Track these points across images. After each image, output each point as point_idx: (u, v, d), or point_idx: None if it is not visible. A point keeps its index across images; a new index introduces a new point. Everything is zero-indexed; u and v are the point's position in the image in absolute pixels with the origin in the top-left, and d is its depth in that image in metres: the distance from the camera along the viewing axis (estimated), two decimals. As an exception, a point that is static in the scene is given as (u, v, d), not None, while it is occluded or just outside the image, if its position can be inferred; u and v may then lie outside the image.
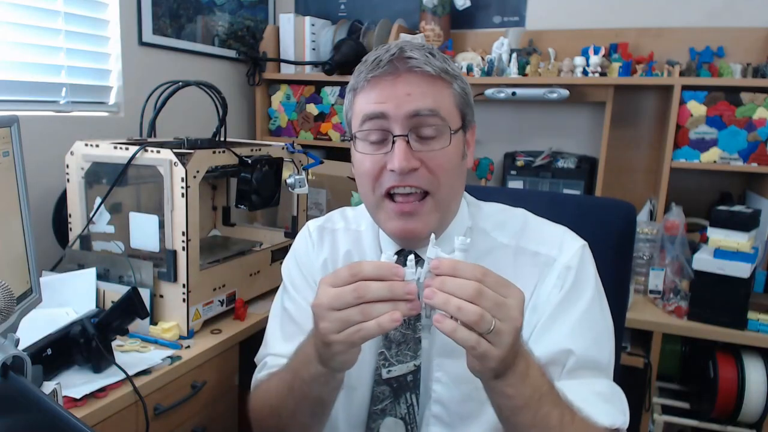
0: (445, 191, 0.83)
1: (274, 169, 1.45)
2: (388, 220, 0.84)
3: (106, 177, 1.32)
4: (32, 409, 0.61)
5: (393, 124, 0.80)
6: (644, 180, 2.12)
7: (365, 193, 0.86)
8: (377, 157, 0.82)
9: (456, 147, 0.83)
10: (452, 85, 0.83)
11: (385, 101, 0.80)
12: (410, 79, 0.80)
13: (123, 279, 1.28)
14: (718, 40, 1.95)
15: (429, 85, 0.81)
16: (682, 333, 1.63)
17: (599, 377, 0.82)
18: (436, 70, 0.80)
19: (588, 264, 0.87)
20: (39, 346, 0.98)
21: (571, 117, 2.20)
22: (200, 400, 1.22)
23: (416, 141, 0.81)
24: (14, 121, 0.85)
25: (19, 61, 1.52)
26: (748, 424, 1.59)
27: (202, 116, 1.72)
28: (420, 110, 0.79)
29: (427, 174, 0.81)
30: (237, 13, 2.29)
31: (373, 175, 0.83)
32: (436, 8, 2.18)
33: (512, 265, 0.87)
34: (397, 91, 0.80)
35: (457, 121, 0.84)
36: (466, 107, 0.86)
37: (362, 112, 0.83)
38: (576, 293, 0.84)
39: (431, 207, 0.82)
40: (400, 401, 0.88)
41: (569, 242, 0.88)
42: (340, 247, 0.98)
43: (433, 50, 0.84)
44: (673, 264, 1.74)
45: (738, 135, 1.80)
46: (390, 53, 0.81)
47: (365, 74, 0.82)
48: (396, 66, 0.80)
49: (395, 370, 0.88)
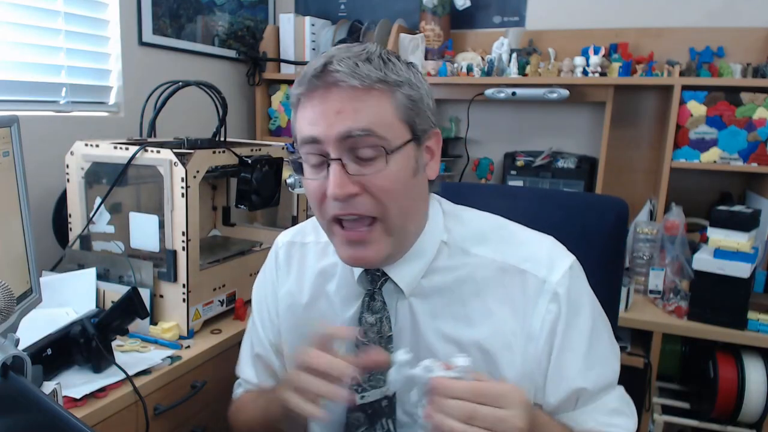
0: (394, 214, 0.75)
1: (274, 169, 1.45)
2: (339, 247, 0.80)
3: (106, 177, 1.32)
4: (32, 409, 0.61)
5: (327, 147, 0.73)
6: (644, 180, 2.12)
7: (316, 216, 0.81)
8: (318, 182, 0.75)
9: (400, 165, 0.74)
10: (393, 95, 0.73)
11: (317, 122, 0.73)
12: (339, 94, 0.72)
13: (123, 279, 1.28)
14: (718, 40, 1.95)
15: (361, 100, 0.72)
16: (682, 333, 1.63)
17: (609, 393, 0.82)
18: (366, 81, 0.71)
19: (579, 285, 0.82)
20: (39, 346, 0.98)
21: (571, 117, 2.20)
22: (200, 400, 1.22)
23: (354, 163, 0.73)
24: (14, 121, 0.85)
25: (19, 61, 1.52)
26: (748, 424, 1.59)
27: (202, 116, 1.72)
28: (351, 131, 0.71)
29: (370, 200, 0.74)
30: (237, 13, 2.29)
31: (317, 200, 0.77)
32: (436, 8, 2.18)
33: (500, 284, 0.81)
34: (327, 109, 0.72)
35: (401, 135, 0.74)
36: (415, 116, 0.76)
37: (299, 135, 0.76)
38: (575, 325, 0.80)
39: (381, 233, 0.76)
40: (376, 428, 0.84)
41: (557, 261, 0.81)
42: (309, 264, 0.94)
43: (371, 55, 0.74)
44: (673, 264, 1.74)
45: (738, 135, 1.80)
46: (315, 66, 0.73)
47: (296, 88, 0.76)
48: (324, 80, 0.72)
49: (368, 395, 0.82)
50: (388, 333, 0.84)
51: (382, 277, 0.84)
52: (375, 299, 0.85)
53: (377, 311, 0.84)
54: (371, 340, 0.84)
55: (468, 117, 2.20)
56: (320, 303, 0.91)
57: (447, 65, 2.09)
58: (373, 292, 0.85)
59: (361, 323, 0.85)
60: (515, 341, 0.80)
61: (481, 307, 0.82)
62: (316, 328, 0.75)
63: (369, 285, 0.85)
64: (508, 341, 0.79)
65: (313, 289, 0.92)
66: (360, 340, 0.85)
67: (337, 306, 0.89)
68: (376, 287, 0.84)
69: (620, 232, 1.09)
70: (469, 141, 2.25)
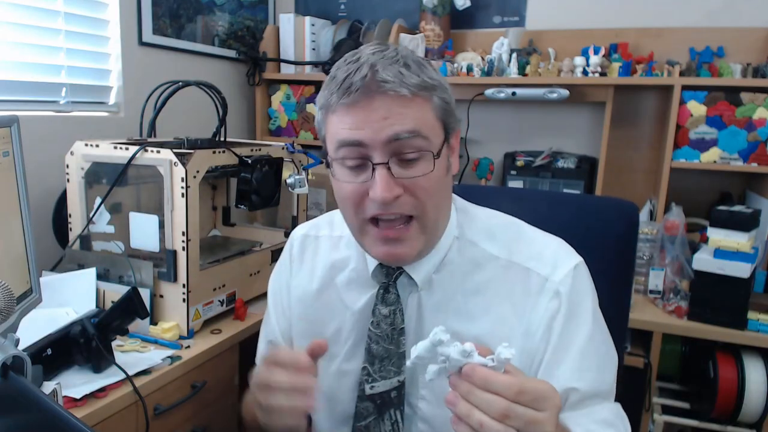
0: (431, 213, 0.78)
1: (274, 169, 1.45)
2: (373, 246, 0.81)
3: (106, 177, 1.32)
4: (32, 409, 0.61)
5: (371, 151, 0.74)
6: (644, 180, 2.12)
7: (348, 217, 0.82)
8: (357, 185, 0.76)
9: (441, 166, 0.78)
10: (432, 99, 0.77)
11: (361, 127, 0.74)
12: (386, 101, 0.73)
13: (123, 279, 1.28)
14: (718, 40, 1.95)
15: (407, 106, 0.74)
16: (682, 333, 1.63)
17: (602, 403, 0.80)
18: (413, 89, 0.73)
19: (582, 286, 0.82)
20: (39, 346, 0.98)
21: (571, 117, 2.20)
22: (200, 400, 1.22)
23: (398, 166, 0.75)
24: (14, 121, 0.85)
25: (19, 61, 1.52)
26: (748, 424, 1.59)
27: (202, 116, 1.72)
28: (400, 134, 0.73)
29: (412, 199, 0.76)
30: (237, 13, 2.29)
31: (354, 202, 0.78)
32: (436, 8, 2.18)
33: (504, 281, 0.83)
34: (373, 115, 0.73)
35: (440, 136, 0.78)
36: (448, 117, 0.80)
37: (336, 137, 0.76)
38: (574, 325, 0.80)
39: (417, 231, 0.79)
40: (384, 418, 0.86)
41: (563, 260, 0.82)
42: (321, 257, 0.96)
43: (408, 60, 0.76)
44: (673, 264, 1.74)
45: (738, 135, 1.80)
46: (362, 75, 0.73)
47: (337, 97, 0.75)
48: (369, 88, 0.73)
49: (378, 386, 0.85)
50: (400, 325, 0.85)
51: (397, 270, 0.86)
52: (389, 291, 0.86)
53: (391, 303, 0.86)
54: (383, 331, 0.86)
55: (468, 117, 2.20)
56: (330, 294, 0.93)
57: (447, 65, 2.09)
58: (388, 285, 0.86)
59: (374, 314, 0.87)
60: (513, 338, 0.80)
61: (484, 302, 0.83)
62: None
63: (384, 278, 0.87)
64: (507, 338, 0.79)
65: (323, 280, 0.95)
66: (372, 331, 0.87)
67: (346, 298, 0.91)
68: (391, 280, 0.86)
69: (631, 235, 1.08)
70: (469, 141, 2.25)
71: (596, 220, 1.09)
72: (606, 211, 1.11)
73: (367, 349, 0.87)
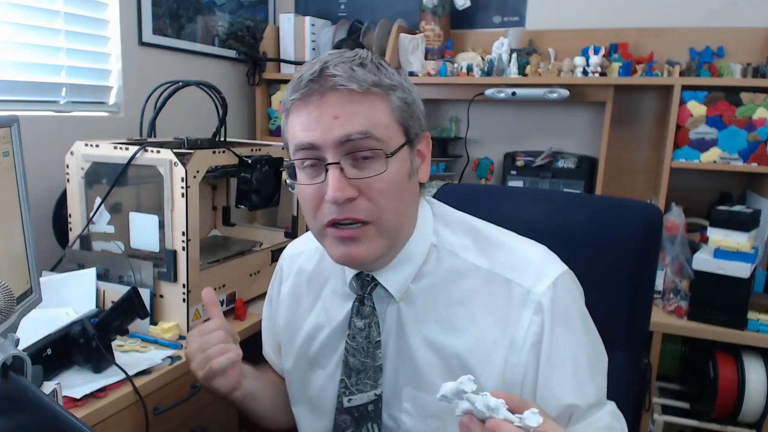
0: (388, 217, 0.76)
1: (274, 169, 1.45)
2: (331, 247, 0.79)
3: (106, 177, 1.32)
4: (32, 409, 0.61)
5: (324, 152, 0.73)
6: (644, 180, 2.12)
7: (308, 221, 0.82)
8: (314, 188, 0.76)
9: (397, 168, 0.76)
10: (389, 98, 0.75)
11: (313, 128, 0.73)
12: (336, 98, 0.72)
13: (123, 279, 1.28)
14: (718, 40, 1.95)
15: (358, 104, 0.73)
16: (682, 333, 1.63)
17: (601, 410, 0.79)
18: (364, 85, 0.72)
19: (567, 297, 0.79)
20: (39, 346, 0.98)
21: (571, 117, 2.20)
22: (200, 400, 1.22)
23: (351, 167, 0.74)
24: (14, 121, 0.85)
25: (19, 61, 1.52)
26: (748, 424, 1.59)
27: (202, 116, 1.72)
28: (351, 134, 0.72)
29: (366, 202, 0.74)
30: (237, 13, 2.29)
31: (312, 205, 0.77)
32: (436, 8, 2.18)
33: (486, 292, 0.80)
34: (324, 114, 0.72)
35: (397, 138, 0.76)
36: (408, 119, 0.77)
37: (293, 141, 0.76)
38: (563, 338, 0.77)
39: (374, 233, 0.76)
40: (362, 430, 0.85)
41: (545, 271, 0.79)
42: (308, 270, 0.96)
43: (364, 60, 0.75)
44: (673, 264, 1.74)
45: (738, 135, 1.80)
46: (311, 71, 0.73)
47: (289, 94, 0.76)
48: (320, 84, 0.72)
49: (356, 399, 0.84)
50: (376, 338, 0.84)
51: (371, 282, 0.83)
52: (364, 304, 0.85)
53: (366, 316, 0.84)
54: (359, 344, 0.85)
55: (468, 117, 2.20)
56: (317, 307, 0.93)
57: (447, 65, 2.09)
58: (363, 297, 0.85)
59: (350, 327, 0.86)
60: (496, 351, 0.77)
61: (465, 314, 0.80)
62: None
63: (359, 290, 0.85)
64: (489, 351, 0.78)
65: (310, 294, 0.95)
66: (349, 344, 0.86)
67: (330, 309, 0.91)
68: (366, 292, 0.84)
69: (652, 242, 1.00)
70: (469, 141, 2.25)
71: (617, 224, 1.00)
72: (627, 215, 1.02)
73: (344, 362, 0.86)
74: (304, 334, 0.94)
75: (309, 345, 0.93)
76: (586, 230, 0.86)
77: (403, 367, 0.83)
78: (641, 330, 1.01)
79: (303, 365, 0.94)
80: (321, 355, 0.91)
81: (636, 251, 0.98)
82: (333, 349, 0.89)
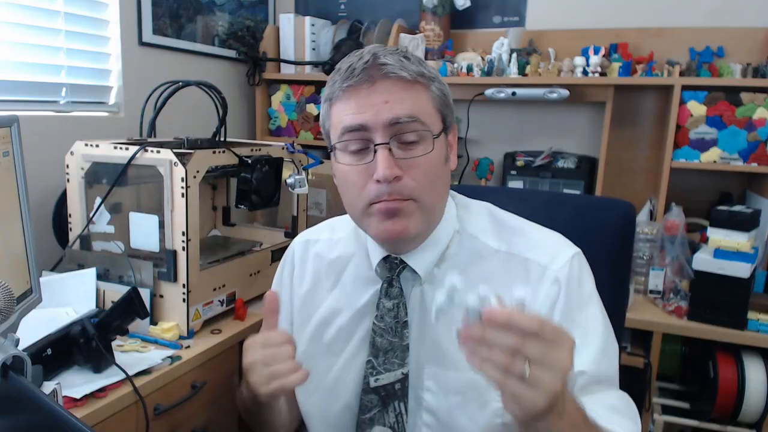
0: (429, 196, 0.82)
1: (274, 169, 1.45)
2: (375, 224, 0.83)
3: (106, 177, 1.32)
4: (32, 409, 0.61)
5: (373, 134, 0.79)
6: (644, 180, 2.12)
7: (350, 203, 0.85)
8: (360, 168, 0.81)
9: (439, 151, 0.82)
10: (430, 88, 0.82)
11: (363, 111, 0.79)
12: (386, 85, 0.79)
13: (123, 279, 1.28)
14: (718, 40, 1.95)
15: (406, 91, 0.79)
16: (682, 333, 1.64)
17: (609, 390, 0.81)
18: (412, 74, 0.79)
19: (582, 275, 0.84)
20: (39, 346, 0.98)
21: (571, 117, 2.20)
22: (200, 400, 1.22)
23: (398, 148, 0.79)
24: (14, 121, 0.85)
25: (19, 61, 1.52)
26: (748, 424, 1.59)
27: (202, 116, 1.72)
28: (400, 117, 0.78)
29: (411, 181, 0.79)
30: (237, 13, 2.29)
31: (358, 186, 0.81)
32: (436, 8, 2.18)
33: (504, 272, 0.85)
34: (374, 99, 0.79)
35: (438, 124, 0.83)
36: (445, 108, 0.85)
37: (341, 124, 0.81)
38: (577, 311, 0.82)
39: (415, 209, 0.81)
40: (389, 410, 0.87)
41: (561, 250, 0.85)
42: (324, 258, 0.99)
43: (407, 53, 0.83)
44: (673, 264, 1.74)
45: (738, 135, 1.80)
46: (363, 60, 0.79)
47: (340, 83, 0.81)
48: (371, 73, 0.79)
49: (383, 378, 0.87)
50: (404, 318, 0.87)
51: (400, 264, 0.88)
52: (393, 285, 0.89)
53: (395, 297, 0.88)
54: (387, 324, 0.88)
55: (468, 117, 2.20)
56: (334, 293, 0.95)
57: (447, 65, 2.09)
58: (392, 279, 0.89)
59: (378, 309, 0.89)
60: None
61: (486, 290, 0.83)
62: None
63: (388, 273, 0.89)
64: None
65: (327, 280, 0.97)
66: (376, 325, 0.88)
67: (351, 294, 0.93)
68: (394, 274, 0.88)
69: (628, 235, 1.09)
70: (469, 141, 2.25)
71: (594, 220, 1.10)
72: (604, 212, 1.12)
73: (371, 343, 0.89)
74: (318, 318, 0.95)
75: (323, 330, 0.94)
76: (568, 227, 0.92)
77: (425, 346, 0.87)
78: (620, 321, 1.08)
79: (316, 351, 0.95)
80: (336, 341, 0.93)
81: (614, 245, 1.07)
82: (351, 333, 0.92)
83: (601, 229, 1.07)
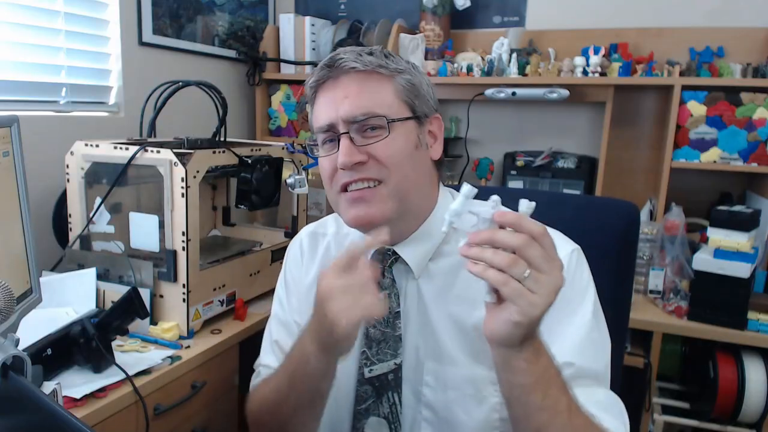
0: (396, 179, 0.83)
1: (274, 169, 1.45)
2: (345, 212, 0.86)
3: (106, 177, 1.32)
4: (32, 409, 0.61)
5: (338, 127, 0.84)
6: (644, 180, 2.12)
7: (327, 192, 0.89)
8: (331, 158, 0.85)
9: (403, 136, 0.84)
10: (393, 79, 0.85)
11: (328, 110, 0.84)
12: (346, 81, 0.84)
13: (123, 279, 1.28)
14: (718, 40, 1.95)
15: (363, 82, 0.83)
16: (682, 333, 1.63)
17: (598, 387, 0.80)
18: (369, 66, 0.83)
19: (580, 270, 0.85)
20: (39, 346, 0.98)
21: (571, 117, 2.20)
22: (200, 400, 1.22)
23: (360, 136, 0.83)
24: (14, 121, 0.85)
25: (19, 61, 1.52)
26: (748, 424, 1.59)
27: (202, 116, 1.72)
28: (355, 116, 0.82)
29: (376, 164, 0.83)
30: (237, 13, 2.29)
31: (329, 174, 0.86)
32: (436, 8, 2.18)
33: None
34: (336, 95, 0.84)
35: (402, 112, 0.85)
36: (414, 98, 0.86)
37: (317, 124, 0.87)
38: (571, 304, 0.82)
39: (384, 194, 0.83)
40: (383, 400, 0.89)
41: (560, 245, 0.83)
42: (332, 252, 1.00)
43: (373, 51, 0.86)
44: (673, 264, 1.74)
45: (738, 135, 1.80)
46: (325, 61, 0.85)
47: (309, 84, 0.88)
48: (332, 68, 0.84)
49: (376, 369, 0.89)
50: (395, 309, 0.89)
51: (392, 255, 0.89)
52: (384, 276, 0.90)
53: (386, 287, 0.89)
54: None
55: (468, 117, 2.20)
56: None
57: (447, 65, 2.09)
58: (383, 270, 0.90)
59: None
60: None
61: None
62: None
63: (380, 263, 0.90)
64: None
65: None
66: None
67: None
68: (386, 265, 0.90)
69: (631, 235, 1.08)
70: (469, 141, 2.25)
71: (597, 221, 1.09)
72: (606, 212, 1.12)
73: (365, 333, 0.90)
74: None
75: None
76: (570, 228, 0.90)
77: (424, 342, 0.88)
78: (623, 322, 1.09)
79: None
80: None
81: (617, 246, 1.06)
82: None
83: (603, 230, 1.06)
